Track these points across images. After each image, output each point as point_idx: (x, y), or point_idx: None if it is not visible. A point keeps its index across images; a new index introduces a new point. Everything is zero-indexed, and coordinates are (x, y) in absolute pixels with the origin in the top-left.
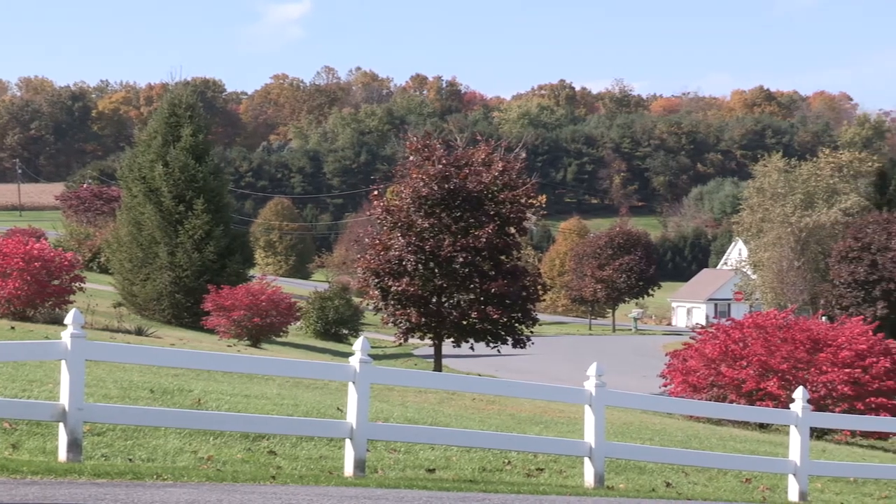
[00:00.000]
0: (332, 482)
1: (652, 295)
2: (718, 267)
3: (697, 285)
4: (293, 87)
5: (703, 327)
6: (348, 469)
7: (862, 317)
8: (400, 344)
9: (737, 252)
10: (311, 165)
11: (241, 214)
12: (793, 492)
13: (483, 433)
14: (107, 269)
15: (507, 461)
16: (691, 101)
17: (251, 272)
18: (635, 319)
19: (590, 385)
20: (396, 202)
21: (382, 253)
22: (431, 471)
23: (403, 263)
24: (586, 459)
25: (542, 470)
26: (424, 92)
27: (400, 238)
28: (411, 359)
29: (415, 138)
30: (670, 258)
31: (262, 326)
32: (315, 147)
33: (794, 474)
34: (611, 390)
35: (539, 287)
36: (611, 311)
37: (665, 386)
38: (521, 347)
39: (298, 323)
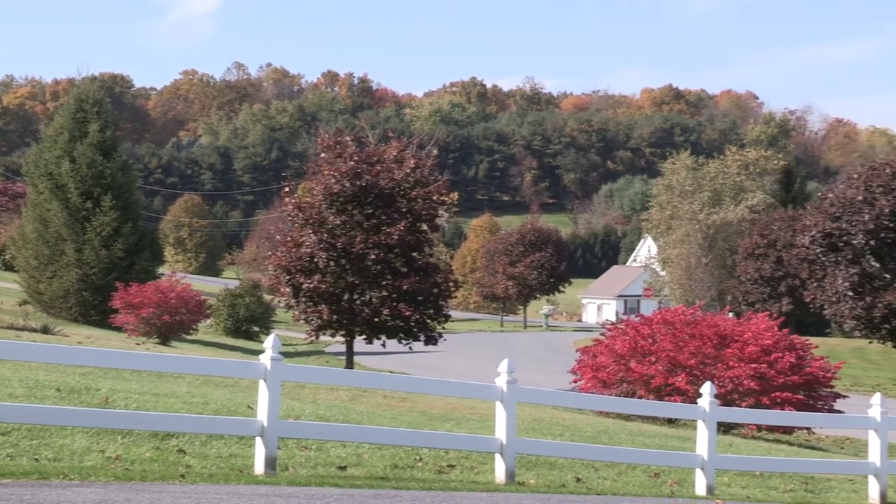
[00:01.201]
0: (243, 480)
1: (563, 291)
2: (628, 264)
3: (607, 282)
4: (203, 82)
5: (612, 324)
6: (259, 467)
7: (768, 312)
8: (311, 341)
9: (646, 249)
10: (221, 162)
11: (150, 211)
12: (700, 486)
13: (395, 430)
14: (12, 267)
15: (418, 458)
16: (601, 99)
17: (160, 269)
18: (546, 316)
19: (501, 381)
20: (308, 199)
21: (294, 250)
22: (343, 468)
23: (315, 260)
24: (497, 456)
25: (453, 466)
26: (336, 88)
27: (311, 235)
28: (323, 356)
29: (326, 135)
30: (581, 255)
31: (172, 324)
32: (225, 143)
33: (702, 468)
34: (522, 387)
35: (451, 284)
36: (522, 307)
37: (575, 382)
38: (433, 344)
39: (209, 321)
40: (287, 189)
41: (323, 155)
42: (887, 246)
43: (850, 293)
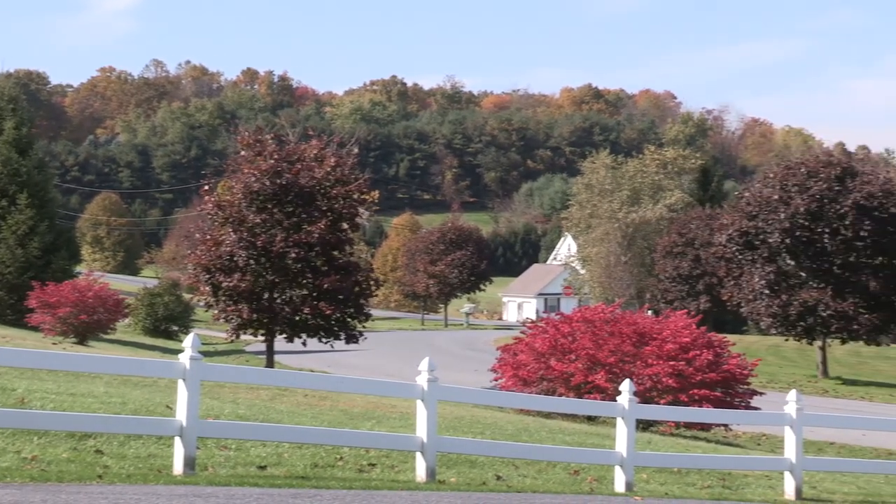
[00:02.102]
0: (162, 481)
1: (483, 290)
2: (548, 262)
3: (528, 280)
4: (121, 80)
5: (533, 322)
6: (178, 467)
7: (686, 310)
8: (231, 340)
9: (566, 247)
10: (139, 160)
11: (66, 210)
12: (619, 483)
13: (315, 429)
14: None
15: (339, 457)
16: (521, 98)
17: (78, 268)
18: (467, 314)
19: (422, 380)
20: (228, 197)
21: (213, 248)
22: (263, 468)
23: (235, 259)
24: (418, 454)
25: (374, 465)
26: (255, 86)
27: (231, 233)
28: (243, 355)
29: (246, 133)
30: (501, 253)
31: (89, 323)
32: (144, 141)
33: (621, 465)
34: (443, 385)
35: (372, 282)
36: (443, 306)
37: (496, 380)
38: (354, 343)
39: (127, 320)
40: (206, 187)
41: (243, 153)
42: (802, 244)
43: (767, 291)
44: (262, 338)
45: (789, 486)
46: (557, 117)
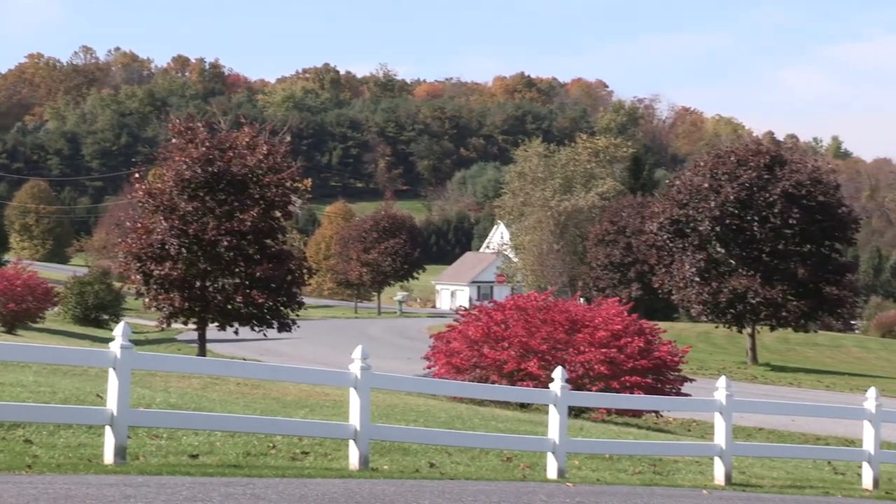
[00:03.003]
0: (92, 470)
1: (417, 278)
2: (481, 250)
3: (461, 268)
4: (49, 66)
5: (466, 309)
6: (108, 457)
7: (618, 298)
8: (163, 329)
9: (499, 235)
10: (68, 147)
11: None
12: (552, 469)
13: (247, 418)
14: None
15: (272, 445)
16: (454, 87)
17: (6, 257)
18: (400, 302)
19: (355, 368)
20: (159, 185)
21: (144, 237)
22: (195, 456)
23: (166, 247)
24: (351, 442)
25: (307, 453)
26: (187, 74)
27: (162, 221)
28: (175, 344)
29: (177, 120)
30: (435, 241)
31: (18, 312)
32: (73, 129)
33: (553, 452)
34: (376, 373)
35: (305, 271)
36: (376, 294)
37: (429, 368)
38: (287, 331)
39: (56, 308)
40: (137, 175)
41: (174, 141)
42: (732, 232)
43: (697, 279)
44: (193, 326)
45: (719, 472)
46: (490, 106)
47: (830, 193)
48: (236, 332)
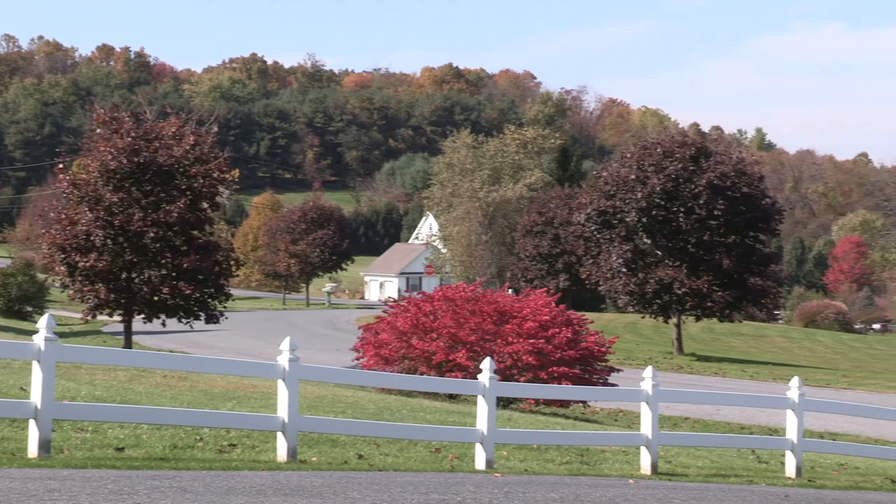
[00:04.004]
0: (15, 464)
1: (345, 269)
2: (410, 241)
3: (390, 259)
4: None
5: (394, 301)
6: (32, 450)
7: (546, 289)
8: (88, 321)
9: (428, 226)
10: None
11: None
12: (480, 460)
13: (174, 410)
14: None
15: (199, 438)
16: (382, 78)
17: None
18: (329, 294)
19: (283, 360)
20: (83, 176)
21: (69, 228)
22: (120, 449)
23: (91, 238)
24: (279, 434)
25: (234, 446)
26: (112, 63)
27: (87, 212)
28: (100, 336)
29: (102, 110)
30: (363, 232)
31: None
32: None
33: (482, 443)
34: (304, 365)
35: (232, 262)
36: (304, 285)
37: (358, 359)
38: (215, 323)
39: None
40: (61, 165)
41: (99, 131)
42: (658, 223)
43: (624, 269)
44: (119, 318)
45: (645, 461)
46: (419, 96)
47: (754, 185)
48: (163, 324)
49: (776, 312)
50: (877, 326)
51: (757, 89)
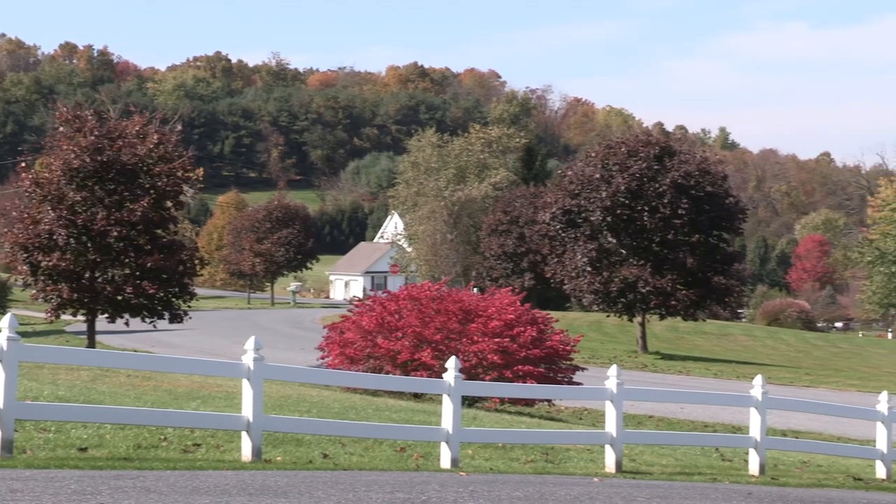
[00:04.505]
0: None
1: (310, 268)
2: (375, 240)
3: (355, 258)
4: None
5: (360, 300)
6: None
7: (511, 288)
8: (51, 320)
9: (393, 225)
10: None
11: None
12: (445, 459)
13: (138, 410)
14: None
15: (163, 438)
16: (348, 76)
17: None
18: (294, 293)
19: (247, 359)
20: (46, 174)
21: (31, 227)
22: (84, 449)
23: (54, 238)
24: (244, 433)
25: (199, 445)
26: (75, 61)
27: (50, 211)
28: (63, 335)
29: (65, 109)
30: (328, 232)
31: None
32: None
33: (447, 442)
34: (269, 364)
35: (196, 261)
36: (269, 284)
37: (323, 358)
38: (179, 322)
39: None
40: (24, 164)
41: (61, 129)
42: (623, 222)
43: (589, 268)
44: (82, 318)
45: (610, 460)
46: (384, 95)
47: (718, 184)
48: (127, 324)
49: (740, 311)
50: (839, 325)
51: (720, 89)
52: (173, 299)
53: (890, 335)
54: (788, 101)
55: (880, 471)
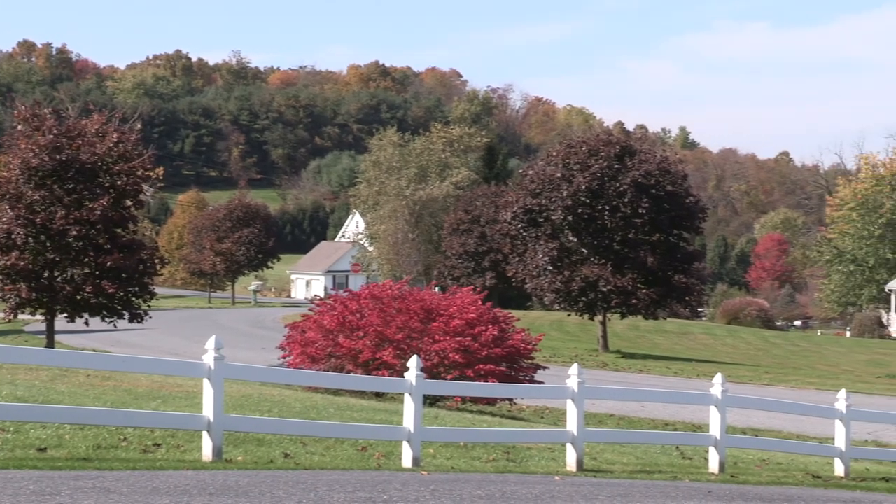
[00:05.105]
0: None
1: (271, 267)
2: (337, 239)
3: (316, 257)
4: None
5: (321, 299)
6: None
7: (472, 287)
8: (9, 320)
9: (354, 224)
10: None
11: None
12: (407, 458)
13: (98, 410)
14: None
15: (123, 438)
16: (309, 75)
17: None
18: (255, 292)
19: (208, 358)
20: (4, 173)
21: None
22: (43, 450)
23: (12, 237)
24: (205, 433)
25: (159, 445)
26: (33, 59)
27: (8, 210)
28: (21, 335)
29: (23, 107)
30: (289, 231)
31: None
32: None
33: (408, 441)
34: (230, 363)
35: (157, 260)
36: (230, 283)
37: (284, 358)
38: (139, 322)
39: None
40: None
41: (20, 128)
42: (584, 222)
43: (550, 267)
44: (41, 317)
45: (571, 458)
46: (345, 94)
47: (678, 183)
48: (86, 324)
49: (700, 310)
50: (798, 323)
51: (681, 88)
52: (133, 299)
53: (848, 333)
54: (748, 100)
55: (839, 468)
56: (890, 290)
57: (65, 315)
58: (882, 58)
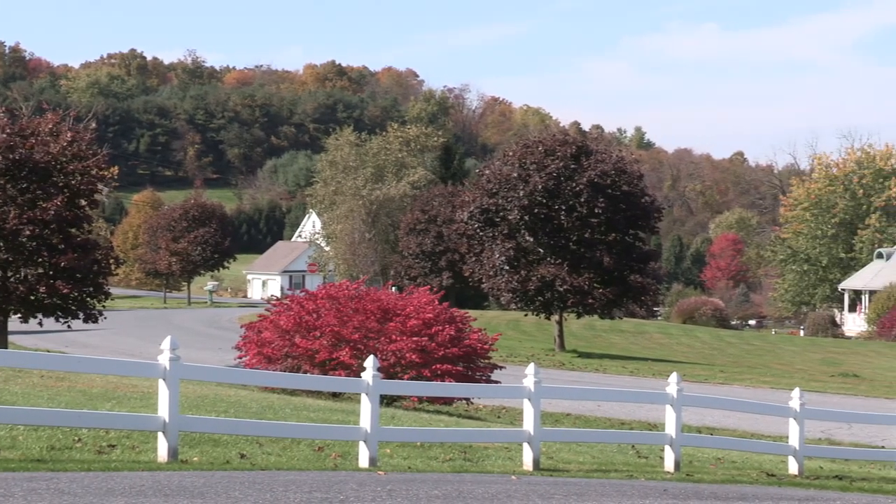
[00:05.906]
0: None
1: (227, 267)
2: (293, 239)
3: (272, 257)
4: None
5: (277, 299)
6: None
7: (429, 287)
8: None
9: (311, 224)
10: None
11: None
12: (363, 458)
13: (51, 410)
14: None
15: (77, 439)
16: (265, 75)
17: None
18: (211, 292)
19: (163, 359)
20: None
21: None
22: None
23: None
24: (160, 434)
25: (114, 446)
26: None
27: None
28: None
29: None
30: (246, 230)
31: None
32: None
33: (365, 441)
34: (185, 364)
35: (111, 260)
36: (186, 284)
37: (240, 358)
38: (94, 322)
39: None
40: None
41: None
42: (540, 221)
43: (507, 267)
44: None
45: (527, 457)
46: (301, 94)
47: (634, 183)
48: (40, 324)
49: (655, 309)
50: (752, 322)
51: (635, 88)
52: (88, 299)
53: (802, 333)
54: (702, 101)
55: (792, 467)
56: (843, 290)
57: (18, 315)
58: (828, 60)
